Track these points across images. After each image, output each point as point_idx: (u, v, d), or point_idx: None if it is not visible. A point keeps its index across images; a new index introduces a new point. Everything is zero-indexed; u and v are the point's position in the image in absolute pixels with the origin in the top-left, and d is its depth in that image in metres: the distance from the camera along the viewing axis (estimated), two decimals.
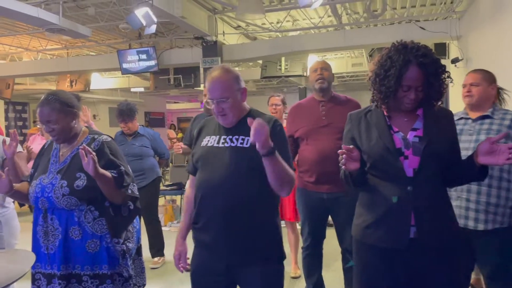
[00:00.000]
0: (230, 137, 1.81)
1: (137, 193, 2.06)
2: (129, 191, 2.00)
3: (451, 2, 6.05)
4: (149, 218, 4.17)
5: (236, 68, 3.66)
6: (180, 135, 16.51)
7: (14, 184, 2.00)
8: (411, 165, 1.64)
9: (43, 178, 1.98)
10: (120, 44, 8.12)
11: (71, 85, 9.42)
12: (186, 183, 6.54)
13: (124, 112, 3.99)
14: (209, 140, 1.86)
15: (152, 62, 7.41)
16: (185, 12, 5.51)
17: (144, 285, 2.22)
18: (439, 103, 1.70)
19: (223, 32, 7.01)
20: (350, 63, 9.52)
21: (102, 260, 1.94)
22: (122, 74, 8.30)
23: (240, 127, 1.81)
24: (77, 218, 1.93)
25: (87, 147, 1.82)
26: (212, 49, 6.75)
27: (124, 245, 2.03)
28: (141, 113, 14.32)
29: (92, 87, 10.12)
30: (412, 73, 1.60)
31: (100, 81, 11.16)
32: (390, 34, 6.37)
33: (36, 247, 1.97)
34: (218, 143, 1.83)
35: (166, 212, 6.04)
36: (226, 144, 1.80)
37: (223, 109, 1.77)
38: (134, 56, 7.46)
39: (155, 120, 16.50)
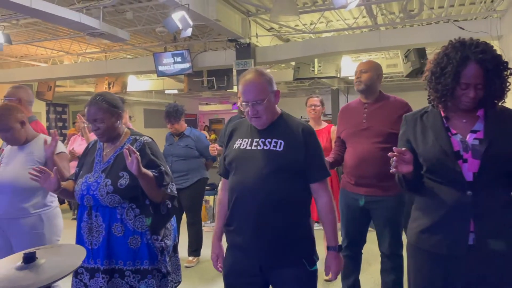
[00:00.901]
0: (263, 139, 1.83)
1: (176, 193, 2.13)
2: (168, 190, 2.07)
3: (492, 1, 5.85)
4: (192, 218, 4.24)
5: (268, 70, 3.65)
6: (213, 136, 16.70)
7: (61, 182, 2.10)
8: (470, 169, 1.57)
9: (88, 176, 2.07)
10: (156, 47, 8.31)
11: (109, 87, 9.70)
12: (219, 184, 6.64)
13: (171, 114, 4.11)
14: (241, 143, 1.88)
15: (187, 65, 7.54)
16: (219, 15, 5.59)
17: (180, 282, 2.28)
18: (502, 102, 1.61)
19: (256, 34, 7.05)
20: (384, 64, 9.34)
21: (143, 255, 2.02)
22: (158, 76, 8.48)
23: (272, 130, 1.84)
24: (120, 215, 2.01)
25: (131, 147, 1.89)
26: (245, 51, 6.80)
27: (162, 242, 2.10)
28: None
29: (128, 89, 10.39)
30: (470, 70, 1.52)
31: (136, 83, 11.45)
32: (428, 34, 6.21)
33: (80, 243, 2.06)
34: (250, 145, 1.85)
35: None
36: (258, 147, 1.82)
37: (257, 111, 1.80)
38: (169, 59, 7.62)
39: (188, 121, 16.56)
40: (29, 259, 1.14)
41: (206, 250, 4.43)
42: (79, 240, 2.08)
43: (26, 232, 2.42)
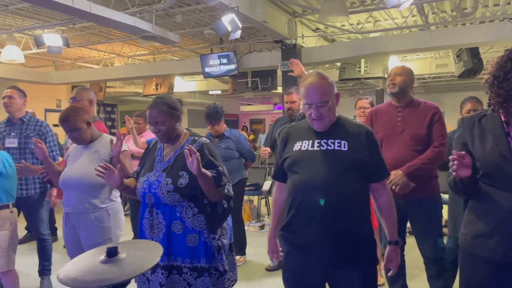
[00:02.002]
0: (325, 140, 1.84)
1: (232, 193, 2.17)
2: (225, 190, 2.11)
3: None
4: (234, 217, 4.29)
5: (311, 71, 3.63)
6: (251, 137, 16.80)
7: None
8: None
9: (150, 175, 2.15)
10: (202, 49, 8.48)
11: (156, 88, 9.99)
12: (263, 184, 6.67)
13: (211, 115, 4.14)
14: (301, 145, 1.90)
15: (232, 66, 7.65)
16: (266, 17, 5.63)
17: (236, 280, 2.31)
18: None
19: (302, 35, 7.04)
20: (434, 64, 9.07)
21: (201, 253, 2.06)
22: (204, 77, 8.65)
23: (333, 131, 1.87)
24: (179, 214, 2.07)
25: (192, 147, 1.95)
26: (291, 52, 6.80)
27: (219, 241, 2.14)
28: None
29: (174, 90, 10.66)
30: None
31: (182, 84, 11.73)
32: (481, 33, 5.97)
33: (142, 238, 2.15)
34: (312, 146, 1.86)
35: (244, 212, 6.19)
36: (322, 148, 1.83)
37: (321, 113, 1.82)
38: (215, 60, 7.75)
39: (230, 121, 16.89)
40: (112, 253, 1.22)
41: (251, 249, 4.49)
42: (141, 236, 2.16)
43: (94, 225, 2.54)
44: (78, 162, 2.62)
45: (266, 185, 6.53)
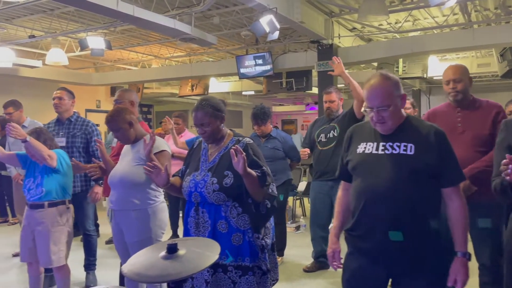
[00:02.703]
0: (390, 143, 1.77)
1: (276, 193, 2.18)
2: (270, 190, 2.13)
3: None
4: (277, 218, 4.28)
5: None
6: None
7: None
8: None
9: (196, 174, 2.19)
10: (237, 50, 8.56)
11: (192, 89, 10.16)
12: (298, 184, 6.63)
13: (258, 116, 4.15)
14: (365, 147, 1.84)
15: (268, 67, 7.67)
16: (303, 17, 5.62)
17: (277, 280, 2.31)
18: None
19: (339, 35, 6.98)
20: (475, 64, 8.78)
21: (245, 252, 2.09)
22: (240, 78, 8.71)
23: (399, 133, 1.78)
24: (224, 213, 2.11)
25: (239, 147, 1.98)
26: (327, 52, 6.75)
27: (263, 240, 2.16)
28: (248, 115, 14.89)
29: (209, 90, 10.80)
30: None
31: (216, 85, 11.87)
32: None
33: (187, 236, 2.19)
34: (377, 150, 1.79)
35: None
36: (387, 151, 1.76)
37: (382, 117, 1.75)
38: (251, 61, 7.80)
39: None
40: (172, 249, 1.26)
41: (287, 250, 4.49)
42: (186, 234, 2.21)
43: (135, 223, 2.61)
44: (123, 161, 2.70)
45: (302, 186, 6.51)
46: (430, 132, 1.78)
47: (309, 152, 3.68)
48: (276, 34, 4.82)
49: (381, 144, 1.80)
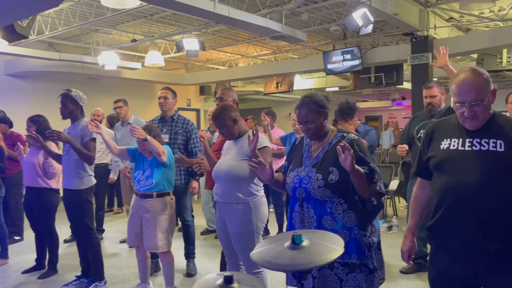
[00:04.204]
0: (478, 140, 1.73)
1: (384, 190, 2.12)
2: (377, 188, 2.08)
3: None
4: None
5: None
6: None
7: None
8: None
9: (299, 170, 2.21)
10: (323, 46, 8.46)
11: (277, 87, 10.27)
12: (389, 183, 6.39)
13: (344, 111, 4.10)
14: (450, 143, 1.80)
15: (356, 62, 7.50)
16: (397, 9, 5.40)
17: (384, 279, 2.26)
18: None
19: (434, 25, 6.59)
20: None
21: (352, 250, 2.06)
22: (327, 74, 8.62)
23: (487, 129, 1.74)
24: (329, 209, 2.10)
25: (346, 144, 1.96)
26: (422, 44, 6.42)
27: (370, 238, 2.12)
28: (332, 111, 14.65)
29: (294, 88, 10.84)
30: None
31: (301, 82, 11.86)
32: None
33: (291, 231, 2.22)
34: (463, 146, 1.76)
35: None
36: (474, 148, 1.72)
37: (475, 112, 1.71)
38: (339, 56, 7.68)
39: None
40: (296, 240, 1.29)
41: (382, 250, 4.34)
42: (291, 229, 2.24)
43: (237, 216, 2.71)
44: (227, 156, 2.82)
45: (393, 185, 6.27)
46: None
47: (407, 148, 3.53)
48: (370, 28, 4.70)
49: (467, 140, 1.76)
